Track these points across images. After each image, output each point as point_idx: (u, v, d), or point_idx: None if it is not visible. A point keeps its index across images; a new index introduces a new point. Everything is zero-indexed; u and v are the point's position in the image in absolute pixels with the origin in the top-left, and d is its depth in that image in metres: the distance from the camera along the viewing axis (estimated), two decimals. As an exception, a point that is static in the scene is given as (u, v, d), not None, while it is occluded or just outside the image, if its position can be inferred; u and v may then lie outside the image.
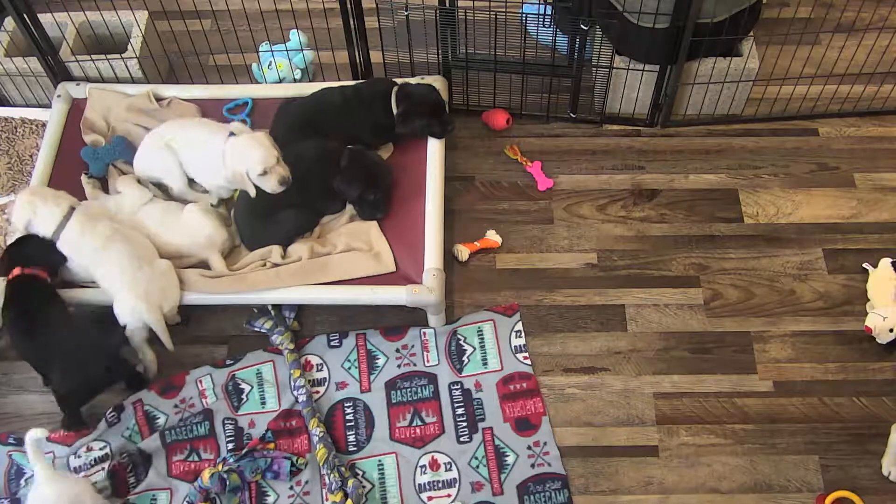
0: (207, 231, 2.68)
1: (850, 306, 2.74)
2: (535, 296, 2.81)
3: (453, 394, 2.63)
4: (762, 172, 3.05)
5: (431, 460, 2.52)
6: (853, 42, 3.13)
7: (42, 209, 2.58)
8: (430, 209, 2.75)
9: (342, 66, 3.16)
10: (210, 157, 2.68)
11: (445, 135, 2.89)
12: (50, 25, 3.14)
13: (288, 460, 2.49)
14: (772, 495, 2.44)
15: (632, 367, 2.67)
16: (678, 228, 2.93)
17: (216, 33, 3.28)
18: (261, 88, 3.15)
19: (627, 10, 2.85)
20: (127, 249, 2.56)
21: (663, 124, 3.16)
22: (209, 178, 2.74)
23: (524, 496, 2.45)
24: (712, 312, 2.75)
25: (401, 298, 2.61)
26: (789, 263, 2.84)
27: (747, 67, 2.97)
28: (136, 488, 2.50)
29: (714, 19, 2.81)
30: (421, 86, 2.88)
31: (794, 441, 2.52)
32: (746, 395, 2.60)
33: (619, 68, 3.00)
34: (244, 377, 2.68)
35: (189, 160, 2.74)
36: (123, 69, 3.12)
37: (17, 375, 2.73)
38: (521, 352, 2.69)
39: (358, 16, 2.93)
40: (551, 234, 2.94)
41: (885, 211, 2.94)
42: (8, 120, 3.21)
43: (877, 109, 3.17)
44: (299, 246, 2.70)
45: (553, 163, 3.10)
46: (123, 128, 2.98)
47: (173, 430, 2.58)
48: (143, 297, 2.52)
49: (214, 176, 2.71)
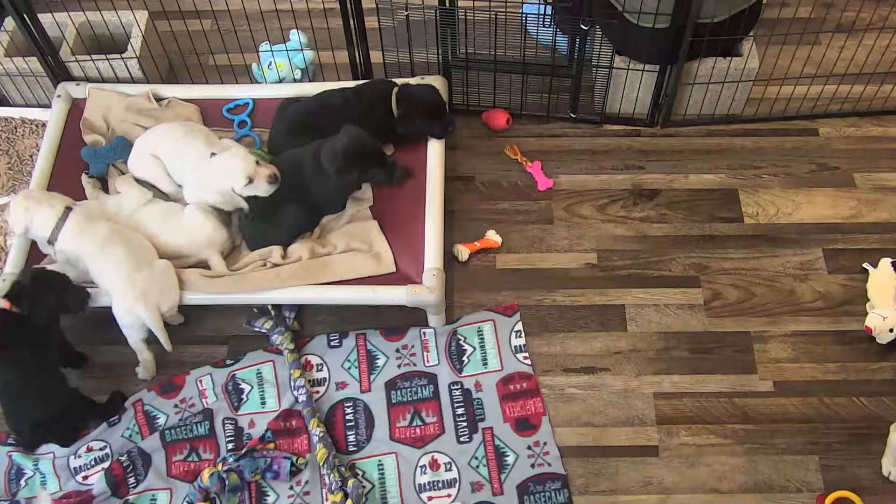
0: (207, 231, 2.68)
1: (850, 306, 2.74)
2: (535, 296, 2.81)
3: (453, 394, 2.62)
4: (762, 172, 3.05)
5: (431, 460, 2.52)
6: (853, 42, 3.13)
7: (37, 213, 2.57)
8: (430, 209, 2.75)
9: (342, 66, 3.16)
10: (192, 173, 2.69)
11: (446, 135, 2.89)
12: (50, 25, 3.14)
13: (288, 460, 2.49)
14: (772, 495, 2.44)
15: (632, 367, 2.66)
16: (678, 228, 2.93)
17: (216, 33, 3.27)
18: (261, 88, 3.15)
19: (627, 10, 2.85)
20: (125, 250, 2.56)
21: (663, 124, 3.16)
22: (194, 194, 2.72)
23: (524, 496, 2.45)
24: (712, 312, 2.75)
25: (401, 298, 2.61)
26: (789, 263, 2.84)
27: (747, 67, 2.97)
28: (136, 488, 2.51)
29: (714, 19, 2.80)
30: (421, 87, 2.88)
31: (794, 441, 2.52)
32: (746, 395, 2.60)
33: (619, 68, 3.00)
34: (244, 377, 2.68)
35: (173, 170, 2.76)
36: (123, 69, 3.12)
37: (17, 375, 2.73)
38: (521, 352, 2.69)
39: (358, 16, 2.92)
40: (551, 234, 2.94)
41: (885, 211, 2.94)
42: (8, 120, 3.21)
43: (877, 109, 3.17)
44: (299, 246, 2.70)
45: (553, 163, 3.10)
46: (123, 128, 2.98)
47: (173, 430, 2.58)
48: (142, 297, 2.52)
49: (200, 191, 2.70)
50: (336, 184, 2.63)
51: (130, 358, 2.68)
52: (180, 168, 2.74)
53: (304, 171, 2.65)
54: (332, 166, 2.58)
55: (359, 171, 2.60)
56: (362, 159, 2.60)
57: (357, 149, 2.59)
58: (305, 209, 2.72)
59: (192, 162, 2.69)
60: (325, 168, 2.60)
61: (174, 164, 2.75)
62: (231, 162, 2.58)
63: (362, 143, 2.61)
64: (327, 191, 2.68)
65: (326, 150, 2.61)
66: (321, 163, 2.60)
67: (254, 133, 3.02)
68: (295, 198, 2.67)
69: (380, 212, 2.79)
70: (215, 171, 2.61)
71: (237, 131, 3.02)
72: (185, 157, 2.72)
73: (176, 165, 2.75)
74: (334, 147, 2.59)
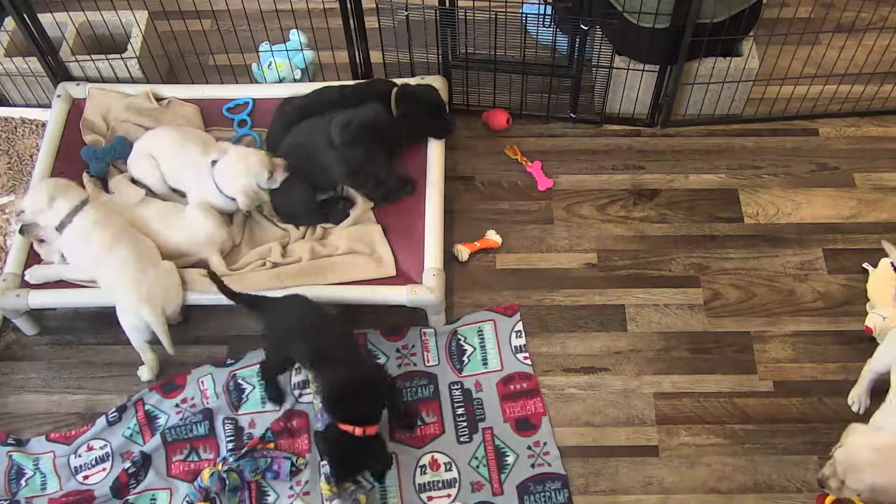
0: (207, 230, 2.68)
1: (850, 306, 2.74)
2: (535, 296, 2.81)
3: (453, 394, 2.63)
4: (762, 172, 3.05)
5: (431, 460, 2.52)
6: (853, 42, 3.13)
7: (58, 201, 2.55)
8: (430, 209, 2.75)
9: (342, 66, 3.16)
10: (194, 178, 2.72)
11: (446, 135, 2.89)
12: (50, 25, 3.14)
13: (288, 460, 2.49)
14: (772, 495, 2.44)
15: (632, 367, 2.67)
16: (678, 228, 2.93)
17: (216, 33, 3.27)
18: (261, 88, 3.15)
19: (627, 10, 2.85)
20: (131, 251, 2.55)
21: (663, 124, 3.16)
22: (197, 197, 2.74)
23: (524, 496, 2.45)
24: (712, 312, 2.75)
25: (401, 298, 2.61)
26: (789, 263, 2.84)
27: (747, 67, 2.97)
28: (136, 488, 2.51)
29: (714, 19, 2.81)
30: (421, 87, 2.88)
31: (794, 441, 2.52)
32: (746, 395, 2.60)
33: (619, 68, 3.00)
34: (245, 376, 2.68)
35: (169, 175, 2.78)
36: (123, 69, 3.12)
37: (17, 375, 2.73)
38: (521, 352, 2.69)
39: (358, 16, 2.93)
40: (551, 234, 2.94)
41: (885, 211, 2.94)
42: (8, 120, 3.21)
43: (877, 109, 3.17)
44: (300, 246, 2.70)
45: (553, 163, 3.10)
46: (123, 128, 2.98)
47: (173, 430, 2.58)
48: (146, 298, 2.52)
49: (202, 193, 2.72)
50: (340, 156, 2.62)
51: (131, 358, 2.69)
52: (178, 173, 2.76)
53: (314, 137, 2.65)
54: (341, 137, 2.57)
55: (366, 148, 2.58)
56: (373, 139, 2.59)
57: (372, 126, 2.58)
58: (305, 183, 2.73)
59: (193, 167, 2.72)
60: (334, 136, 2.59)
61: (171, 169, 2.76)
62: (249, 160, 2.62)
63: (379, 122, 2.59)
64: (328, 160, 2.67)
65: (339, 119, 2.59)
66: (330, 130, 2.60)
67: (254, 132, 3.02)
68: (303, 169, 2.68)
69: (380, 212, 2.79)
70: (230, 172, 2.63)
71: (237, 130, 3.02)
72: (184, 163, 2.74)
73: (174, 171, 2.76)
74: (348, 118, 2.58)
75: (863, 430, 2.18)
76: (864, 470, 2.07)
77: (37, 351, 2.78)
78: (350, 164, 2.69)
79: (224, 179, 2.65)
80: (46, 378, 2.72)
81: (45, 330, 2.81)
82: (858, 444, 2.12)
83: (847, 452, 2.11)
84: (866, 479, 2.06)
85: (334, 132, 2.59)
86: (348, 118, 2.61)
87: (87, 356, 2.76)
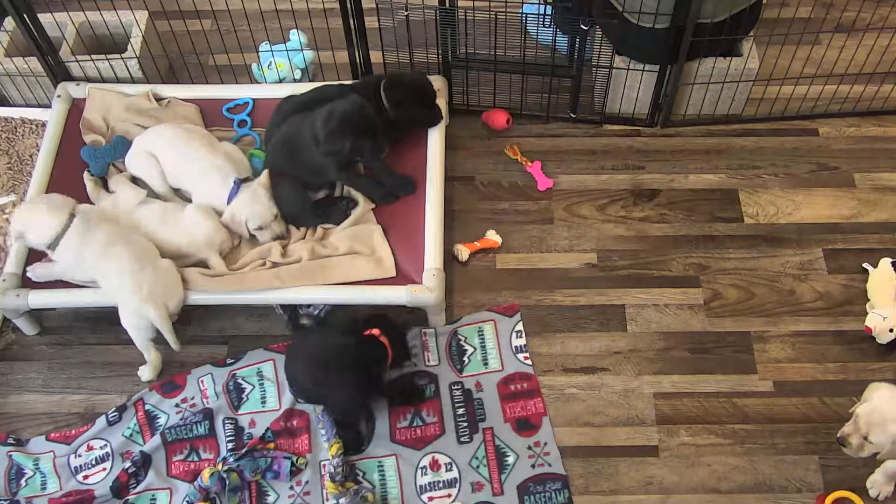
0: (207, 230, 2.68)
1: (850, 306, 2.74)
2: (535, 296, 2.81)
3: (454, 394, 2.63)
4: (762, 172, 3.05)
5: (432, 461, 2.52)
6: (853, 42, 3.13)
7: (35, 225, 2.54)
8: (430, 209, 2.75)
9: (342, 66, 3.16)
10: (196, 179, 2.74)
11: (437, 123, 2.88)
12: (50, 25, 3.13)
13: (288, 460, 2.49)
14: (772, 495, 2.44)
15: (632, 367, 2.67)
16: (678, 228, 2.93)
17: (216, 33, 3.27)
18: (261, 88, 3.15)
19: (627, 10, 2.85)
20: (128, 251, 2.55)
21: (663, 124, 3.16)
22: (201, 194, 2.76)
23: (524, 496, 2.45)
24: (712, 312, 2.75)
25: (401, 298, 2.61)
26: (789, 263, 2.84)
27: (747, 67, 2.97)
28: (136, 488, 2.51)
29: (714, 19, 2.80)
30: (410, 73, 2.86)
31: (794, 441, 2.52)
32: (746, 395, 2.60)
33: (619, 68, 3.00)
34: (245, 376, 2.68)
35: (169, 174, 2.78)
36: (123, 69, 3.12)
37: (17, 375, 2.73)
38: (521, 352, 2.69)
39: (358, 16, 2.92)
40: (551, 234, 2.94)
41: (885, 211, 2.94)
42: (8, 120, 3.21)
43: (877, 109, 3.17)
44: (300, 246, 2.70)
45: (553, 163, 3.10)
46: (123, 128, 2.98)
47: (173, 430, 2.58)
48: (148, 297, 2.52)
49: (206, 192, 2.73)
50: (325, 149, 2.62)
51: (131, 358, 2.69)
52: (179, 174, 2.76)
53: (300, 133, 2.66)
54: (325, 128, 2.58)
55: (351, 139, 2.58)
56: (357, 129, 2.58)
57: (354, 116, 2.59)
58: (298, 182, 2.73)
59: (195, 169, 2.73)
60: (318, 130, 2.60)
61: (173, 169, 2.76)
62: (255, 207, 2.67)
63: (363, 112, 2.60)
64: (315, 156, 2.66)
65: (324, 111, 2.61)
66: (315, 124, 2.61)
67: (254, 132, 3.02)
68: (291, 168, 2.69)
69: (380, 211, 2.79)
70: (240, 200, 2.67)
71: (237, 130, 3.02)
72: (186, 163, 2.74)
73: (174, 170, 2.76)
74: (332, 109, 2.59)
75: (885, 386, 2.20)
76: (887, 423, 2.11)
77: (37, 351, 2.78)
78: (336, 157, 2.66)
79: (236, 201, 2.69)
80: (46, 378, 2.72)
81: (45, 330, 2.81)
82: (882, 397, 2.15)
83: (872, 406, 2.14)
84: (890, 430, 2.10)
85: (318, 125, 2.60)
86: (330, 109, 2.61)
87: (87, 356, 2.76)
